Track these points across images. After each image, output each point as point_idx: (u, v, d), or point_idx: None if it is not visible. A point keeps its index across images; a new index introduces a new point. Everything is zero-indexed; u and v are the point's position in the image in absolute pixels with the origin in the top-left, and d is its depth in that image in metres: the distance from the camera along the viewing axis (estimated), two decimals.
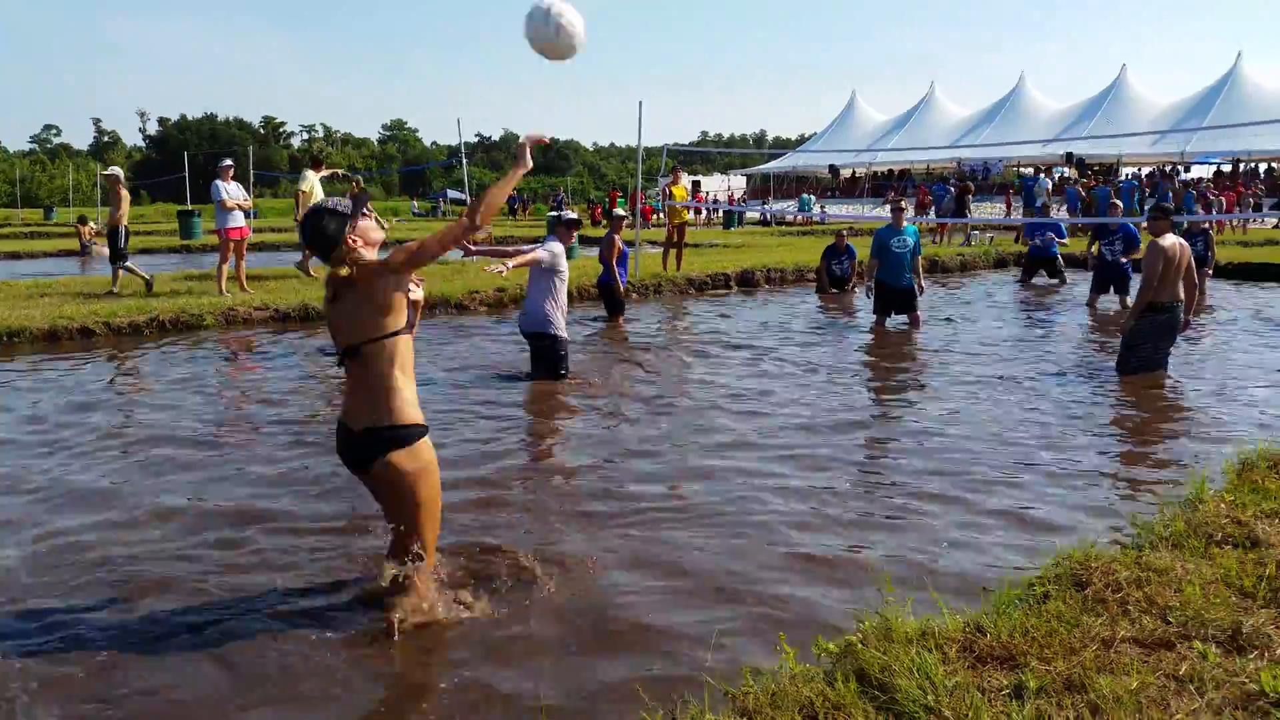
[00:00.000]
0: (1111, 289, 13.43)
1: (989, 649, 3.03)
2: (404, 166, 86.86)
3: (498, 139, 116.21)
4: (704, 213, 40.56)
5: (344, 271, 3.46)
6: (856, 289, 14.92)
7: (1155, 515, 4.45)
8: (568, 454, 6.16)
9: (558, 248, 8.24)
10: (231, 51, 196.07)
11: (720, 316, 12.61)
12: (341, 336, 3.54)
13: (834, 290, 15.09)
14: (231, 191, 12.86)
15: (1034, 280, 16.53)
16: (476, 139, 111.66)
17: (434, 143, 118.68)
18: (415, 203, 61.36)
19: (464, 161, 21.00)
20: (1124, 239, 13.27)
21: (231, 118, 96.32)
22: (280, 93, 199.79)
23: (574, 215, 8.86)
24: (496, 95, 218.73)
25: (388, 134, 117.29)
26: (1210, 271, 14.70)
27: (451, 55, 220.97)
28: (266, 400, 7.50)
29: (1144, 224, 9.05)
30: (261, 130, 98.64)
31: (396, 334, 3.50)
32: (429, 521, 3.67)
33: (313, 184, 14.30)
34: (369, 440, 3.52)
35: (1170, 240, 8.28)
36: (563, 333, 8.21)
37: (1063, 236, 16.81)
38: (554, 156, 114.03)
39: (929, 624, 3.19)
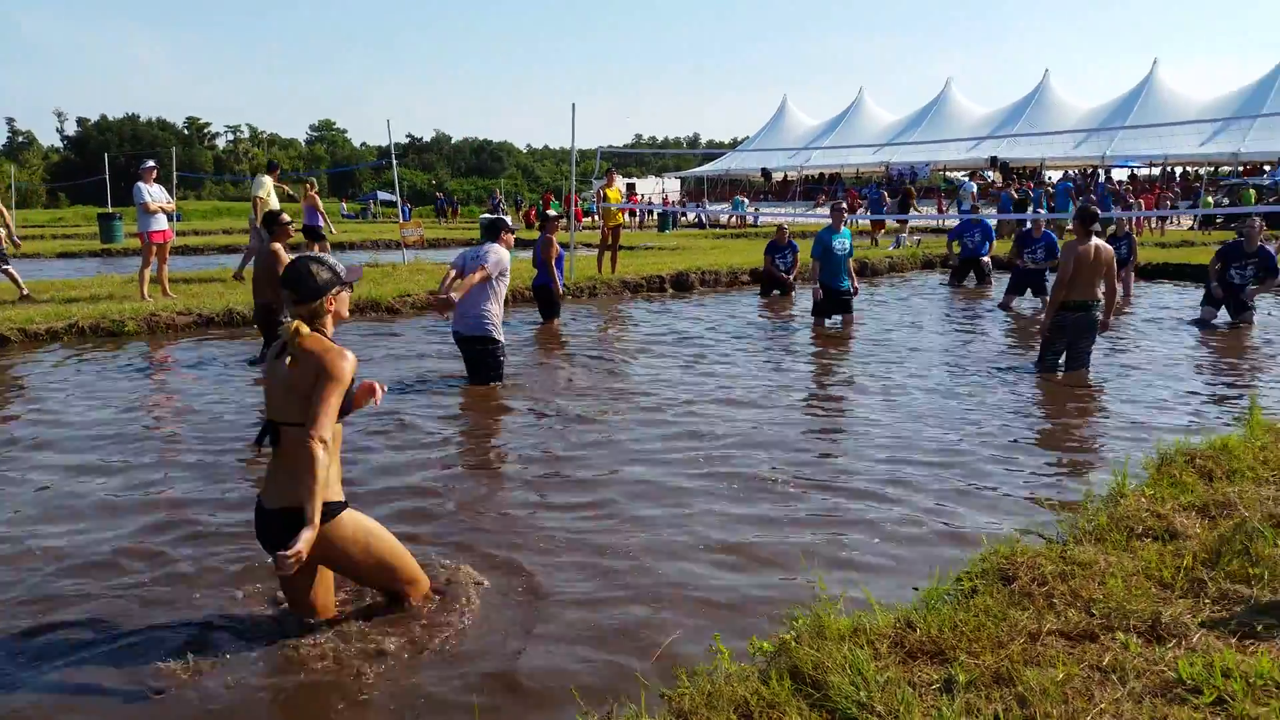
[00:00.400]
0: (1029, 291, 13.94)
1: (919, 644, 3.08)
2: (333, 167, 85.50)
3: (429, 140, 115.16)
4: (639, 215, 40.67)
5: (305, 332, 3.36)
6: (799, 287, 15.09)
7: (1079, 510, 4.57)
8: (502, 460, 6.12)
9: (504, 253, 8.09)
10: (155, 51, 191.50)
11: (656, 319, 12.63)
12: (273, 403, 3.42)
13: (776, 292, 15.18)
14: (154, 194, 12.54)
15: (963, 283, 16.86)
16: (407, 140, 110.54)
17: (364, 143, 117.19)
18: (344, 204, 60.38)
19: (394, 163, 20.74)
20: (1045, 247, 13.82)
21: (154, 118, 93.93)
22: (205, 93, 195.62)
23: (507, 218, 8.76)
24: (428, 96, 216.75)
25: (316, 134, 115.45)
26: (1133, 273, 15.13)
27: (381, 55, 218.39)
28: (188, 410, 7.32)
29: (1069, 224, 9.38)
30: (185, 131, 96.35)
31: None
32: (391, 567, 3.63)
33: (270, 189, 14.48)
34: (285, 521, 3.31)
35: (1089, 242, 8.51)
36: (502, 337, 8.14)
37: (992, 239, 17.18)
38: (487, 158, 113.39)
39: (861, 621, 3.23)
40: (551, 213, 12.54)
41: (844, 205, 12.33)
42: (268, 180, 14.68)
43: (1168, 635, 3.09)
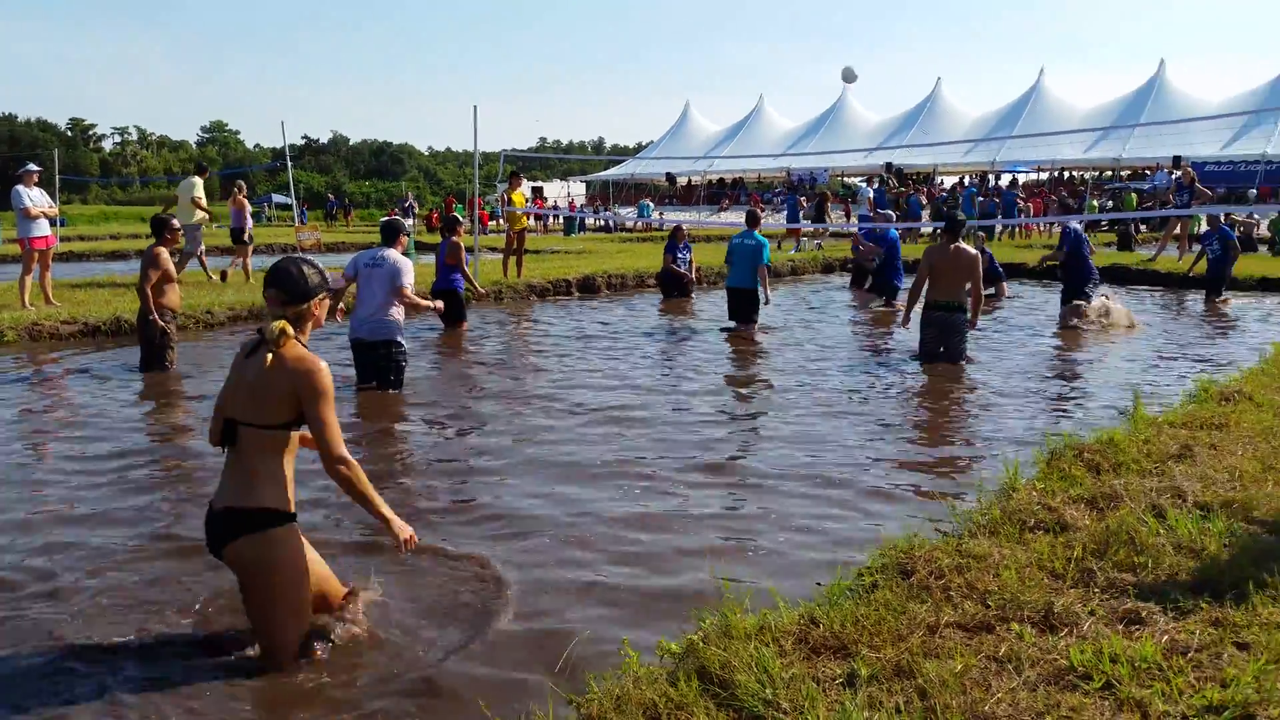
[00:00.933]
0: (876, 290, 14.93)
1: (823, 640, 3.11)
2: (225, 169, 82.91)
3: (326, 141, 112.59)
4: (546, 219, 40.50)
5: (291, 334, 3.29)
6: (694, 292, 15.27)
7: (973, 504, 4.69)
8: (405, 466, 6.00)
9: (405, 258, 8.05)
10: (34, 49, 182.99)
11: (562, 323, 12.58)
12: (235, 400, 3.31)
13: (676, 294, 15.27)
14: (35, 198, 11.96)
15: (865, 287, 17.19)
16: (303, 141, 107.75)
17: (257, 145, 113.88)
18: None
19: (289, 165, 20.22)
20: (888, 247, 14.81)
21: (34, 119, 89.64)
22: (89, 93, 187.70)
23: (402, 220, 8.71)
24: (324, 97, 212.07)
25: (207, 136, 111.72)
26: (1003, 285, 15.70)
27: (274, 54, 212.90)
28: (73, 424, 7.00)
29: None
30: (68, 133, 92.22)
31: (290, 429, 3.32)
32: (286, 618, 3.34)
33: (201, 190, 14.61)
34: (227, 520, 3.27)
35: (950, 247, 9.19)
36: (406, 342, 8.01)
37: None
38: (387, 160, 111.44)
39: (766, 619, 3.25)
40: (456, 216, 12.36)
41: (758, 210, 12.63)
42: (199, 181, 14.73)
43: (1060, 624, 3.18)
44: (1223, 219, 15.70)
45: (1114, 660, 2.87)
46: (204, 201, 14.73)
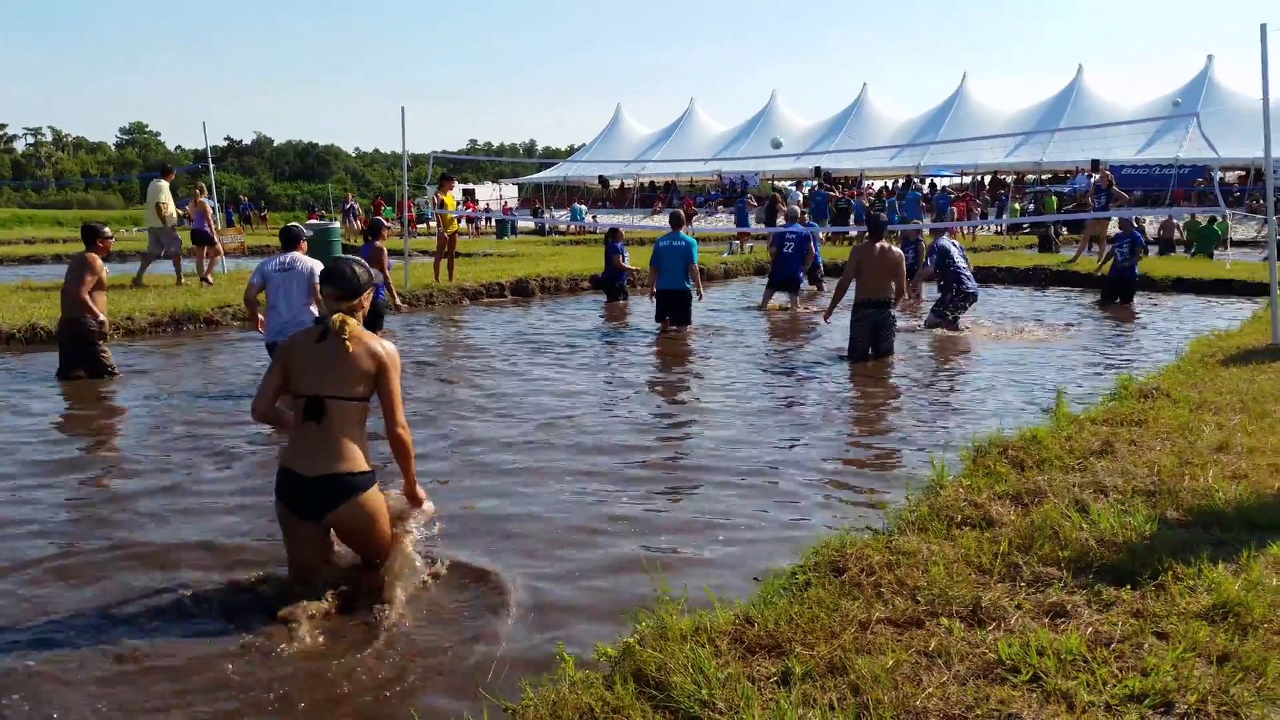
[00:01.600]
0: (784, 288, 15.05)
1: (757, 639, 3.13)
2: (145, 172, 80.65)
3: (249, 143, 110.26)
4: (478, 221, 40.15)
5: (353, 324, 3.79)
6: (629, 295, 15.30)
7: (903, 502, 4.76)
8: None
9: (313, 261, 8.03)
10: None
11: (494, 327, 12.49)
12: (317, 379, 3.76)
13: (620, 297, 15.28)
14: None
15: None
16: (226, 143, 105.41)
17: (178, 147, 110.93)
18: None
19: (211, 167, 19.78)
20: (796, 243, 14.95)
21: None
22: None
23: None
24: (247, 98, 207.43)
25: (126, 138, 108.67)
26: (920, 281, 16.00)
27: (194, 54, 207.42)
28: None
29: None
30: None
31: (367, 400, 3.83)
32: (385, 546, 3.97)
33: (167, 195, 14.80)
34: (323, 487, 3.72)
35: (875, 247, 9.46)
36: None
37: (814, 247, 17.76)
38: (313, 162, 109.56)
39: (702, 620, 3.25)
40: (381, 219, 12.14)
41: (682, 213, 12.64)
42: (165, 184, 14.90)
43: (988, 618, 3.24)
44: (1134, 223, 16.15)
45: (1040, 653, 2.93)
46: (169, 208, 14.82)
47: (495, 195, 59.49)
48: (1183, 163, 37.23)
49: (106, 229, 8.81)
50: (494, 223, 39.10)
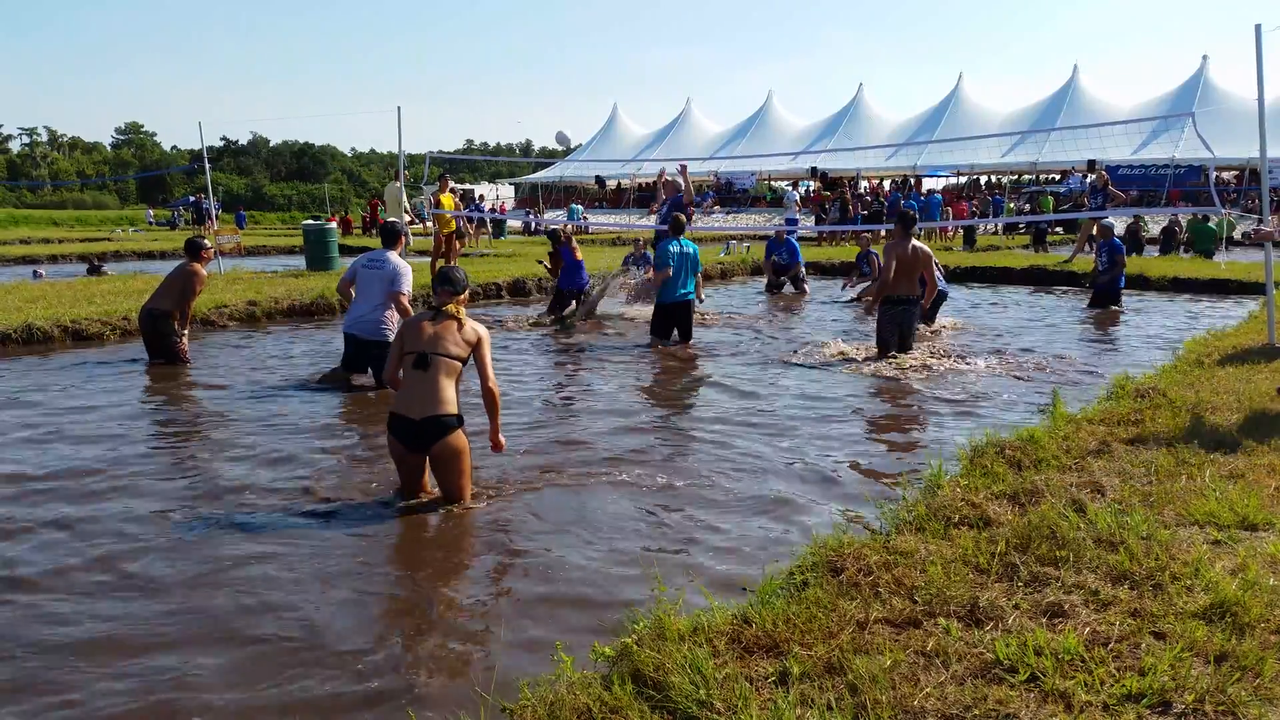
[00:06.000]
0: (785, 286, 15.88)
1: (755, 639, 3.13)
2: (141, 172, 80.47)
3: (245, 143, 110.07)
4: (475, 222, 40.08)
5: (462, 309, 5.20)
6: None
7: (900, 502, 4.76)
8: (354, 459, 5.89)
9: (404, 262, 8.49)
10: None
11: (490, 328, 12.46)
12: (430, 341, 5.03)
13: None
14: None
15: (781, 289, 17.34)
16: (222, 143, 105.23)
17: (174, 147, 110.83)
18: (151, 211, 56.35)
19: (207, 167, 19.75)
20: (787, 250, 15.75)
21: None
22: None
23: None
24: (243, 98, 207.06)
25: (122, 138, 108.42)
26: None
27: (191, 54, 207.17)
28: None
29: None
30: None
31: (464, 362, 5.11)
32: (468, 482, 5.14)
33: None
34: (430, 426, 4.89)
35: (908, 244, 9.32)
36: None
37: (797, 255, 17.62)
38: (309, 162, 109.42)
39: (700, 620, 3.25)
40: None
41: (682, 218, 11.62)
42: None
43: (985, 618, 3.24)
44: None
45: (1038, 653, 2.93)
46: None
47: (492, 195, 59.48)
48: (1179, 163, 37.31)
49: (206, 241, 9.78)
50: (489, 224, 39.02)
